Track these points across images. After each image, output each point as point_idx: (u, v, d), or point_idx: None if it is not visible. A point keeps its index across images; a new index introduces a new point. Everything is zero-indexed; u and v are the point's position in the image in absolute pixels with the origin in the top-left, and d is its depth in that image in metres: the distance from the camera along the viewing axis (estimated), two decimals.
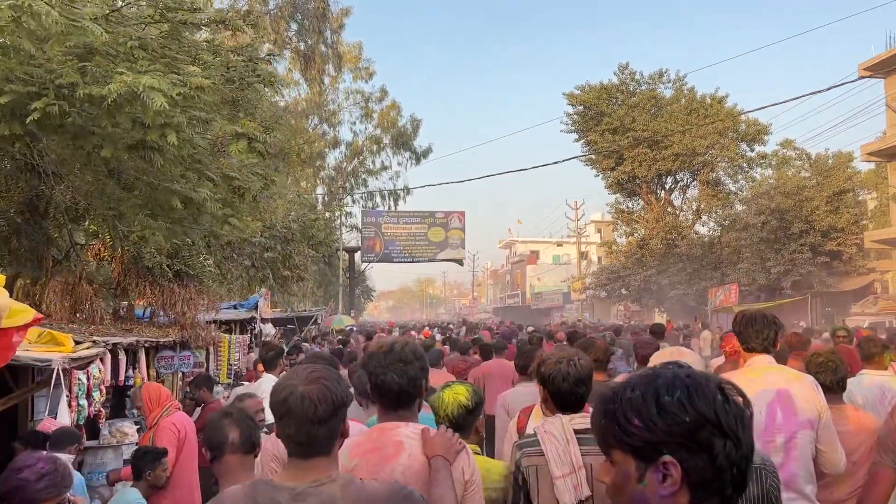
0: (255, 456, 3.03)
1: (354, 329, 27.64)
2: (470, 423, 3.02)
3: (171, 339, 8.71)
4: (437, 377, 6.45)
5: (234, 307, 14.37)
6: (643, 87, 37.20)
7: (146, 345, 7.92)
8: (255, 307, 13.56)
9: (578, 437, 2.70)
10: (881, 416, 3.93)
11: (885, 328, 20.02)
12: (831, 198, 30.61)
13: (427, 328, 26.94)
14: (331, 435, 1.91)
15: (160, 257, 9.32)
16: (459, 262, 44.13)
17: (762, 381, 3.30)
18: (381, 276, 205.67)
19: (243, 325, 14.09)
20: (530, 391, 4.40)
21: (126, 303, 9.95)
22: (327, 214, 42.51)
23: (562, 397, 2.89)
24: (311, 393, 1.89)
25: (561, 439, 2.72)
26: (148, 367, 8.04)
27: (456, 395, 3.01)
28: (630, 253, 38.70)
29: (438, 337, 19.30)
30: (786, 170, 34.02)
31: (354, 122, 45.70)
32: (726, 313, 32.40)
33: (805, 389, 3.31)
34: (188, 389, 7.76)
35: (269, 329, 17.65)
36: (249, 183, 6.51)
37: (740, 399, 1.27)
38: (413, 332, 21.81)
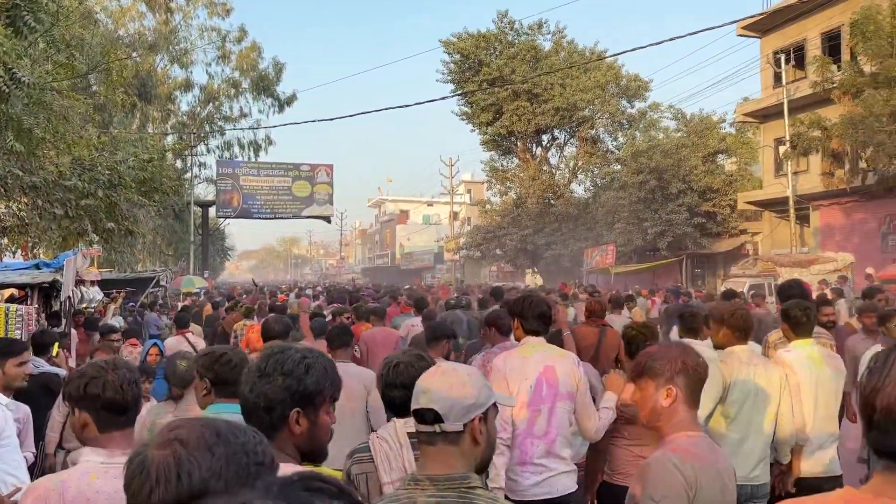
0: None
1: (205, 291, 24.76)
2: None
3: None
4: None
5: (37, 266, 11.19)
6: (522, 38, 35.56)
7: None
8: (61, 268, 10.47)
9: (412, 440, 2.57)
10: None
11: (764, 289, 19.42)
12: (706, 158, 30.42)
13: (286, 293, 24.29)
14: None
15: None
16: (327, 219, 41.08)
17: (532, 358, 3.79)
18: (242, 234, 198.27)
19: (49, 291, 10.99)
20: None
21: None
22: (178, 164, 38.45)
23: (392, 402, 2.83)
24: (148, 464, 1.28)
25: (394, 444, 2.70)
26: None
27: None
28: (505, 212, 37.32)
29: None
30: (655, 133, 33.68)
31: (210, 64, 41.40)
32: (603, 275, 31.87)
33: (567, 365, 3.82)
34: None
35: (94, 294, 14.52)
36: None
37: None
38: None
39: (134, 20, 36.31)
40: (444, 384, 1.92)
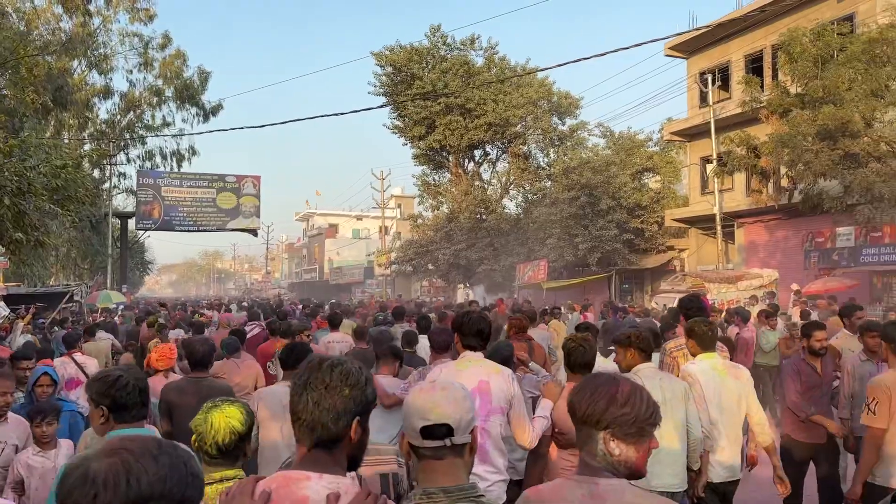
0: None
1: (123, 307, 23.56)
2: (241, 450, 2.75)
3: None
4: (240, 369, 7.01)
5: None
6: (455, 53, 35.49)
7: None
8: None
9: None
10: None
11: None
12: (634, 175, 30.91)
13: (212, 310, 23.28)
14: None
15: None
16: (253, 232, 39.84)
17: (468, 372, 3.94)
18: (163, 247, 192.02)
19: None
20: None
21: None
22: (96, 173, 36.73)
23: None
24: (96, 471, 1.28)
25: None
26: None
27: (228, 418, 2.65)
28: (438, 227, 37.01)
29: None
30: (582, 151, 34.09)
31: (131, 71, 39.82)
32: (535, 290, 31.90)
33: (501, 381, 3.98)
34: None
35: None
36: None
37: None
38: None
39: (49, 23, 34.63)
40: (449, 400, 2.02)
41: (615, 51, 19.22)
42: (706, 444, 4.44)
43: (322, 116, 27.06)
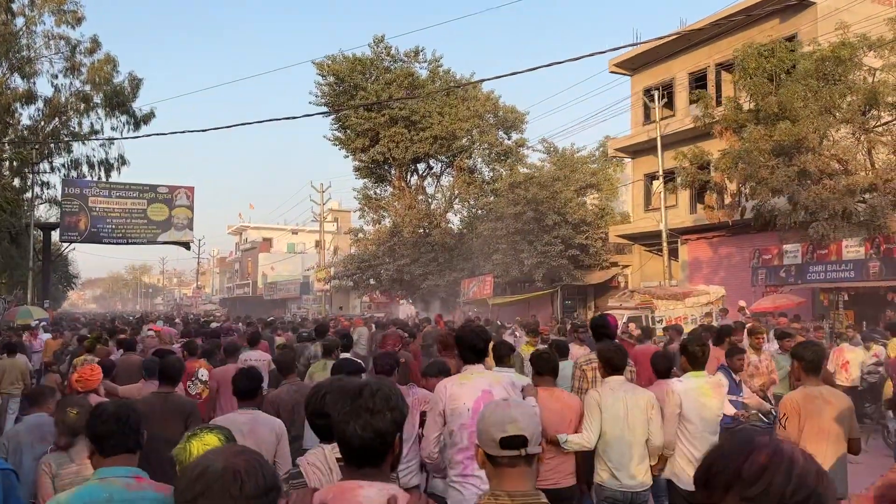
0: None
1: (45, 323, 22.06)
2: None
3: None
4: None
5: None
6: (398, 65, 34.95)
7: None
8: None
9: (341, 465, 2.55)
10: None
11: (642, 321, 19.44)
12: (579, 191, 30.88)
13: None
14: None
15: None
16: (186, 245, 38.06)
17: (471, 384, 4.22)
18: (87, 260, 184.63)
19: None
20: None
21: None
22: (16, 182, 34.66)
23: (319, 428, 3.12)
24: (237, 465, 1.62)
25: (325, 469, 2.89)
26: None
27: (206, 445, 2.63)
28: (381, 241, 36.20)
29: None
30: (522, 168, 33.92)
31: (57, 76, 37.71)
32: (480, 305, 31.46)
33: (501, 389, 4.20)
34: None
35: None
36: None
37: None
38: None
39: None
40: (524, 415, 2.24)
41: (560, 62, 18.87)
42: (666, 450, 5.10)
43: (263, 122, 26.09)
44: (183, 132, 39.10)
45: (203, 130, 38.88)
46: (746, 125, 16.26)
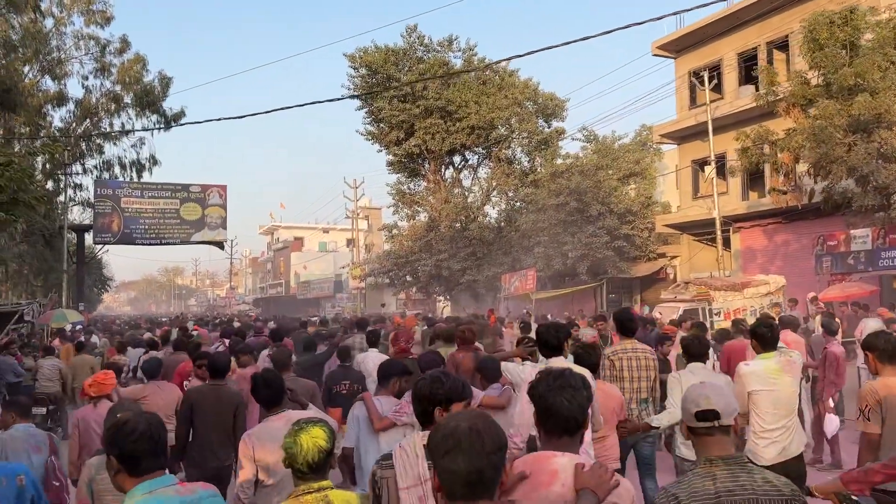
0: None
1: (81, 326, 21.52)
2: (328, 464, 2.97)
3: None
4: (162, 392, 6.99)
5: None
6: (432, 55, 34.00)
7: None
8: None
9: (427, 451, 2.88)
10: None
11: (698, 314, 18.26)
12: (623, 180, 29.72)
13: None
14: (495, 473, 1.89)
15: None
16: (220, 244, 37.55)
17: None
18: (120, 263, 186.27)
19: None
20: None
21: None
22: (49, 185, 34.39)
23: (424, 412, 3.22)
24: (478, 425, 1.91)
25: (412, 454, 3.05)
26: None
27: (314, 438, 2.89)
28: (417, 237, 35.27)
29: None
30: (562, 159, 32.77)
31: (87, 77, 37.49)
32: (523, 301, 30.40)
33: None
34: None
35: None
36: None
37: None
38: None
39: None
40: (717, 393, 2.61)
41: (591, 37, 17.43)
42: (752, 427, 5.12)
43: (299, 106, 25.41)
44: (218, 119, 38.99)
45: (240, 117, 38.04)
46: (816, 100, 15.04)
